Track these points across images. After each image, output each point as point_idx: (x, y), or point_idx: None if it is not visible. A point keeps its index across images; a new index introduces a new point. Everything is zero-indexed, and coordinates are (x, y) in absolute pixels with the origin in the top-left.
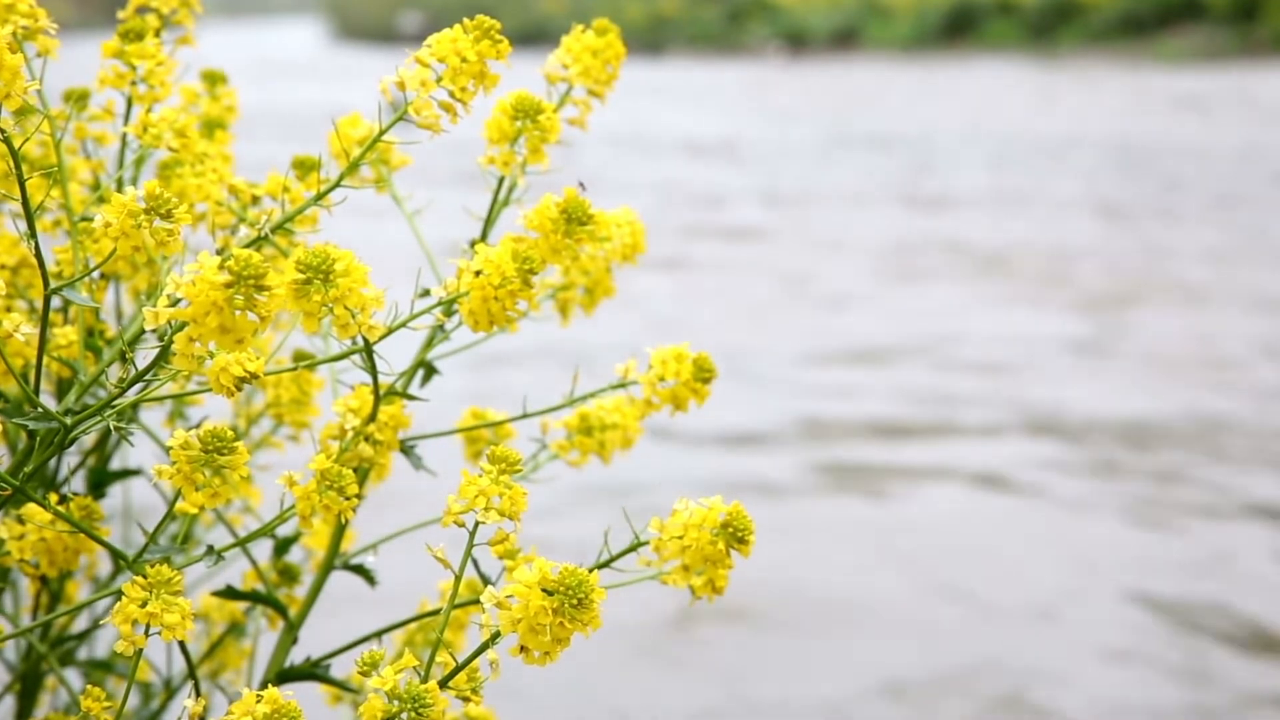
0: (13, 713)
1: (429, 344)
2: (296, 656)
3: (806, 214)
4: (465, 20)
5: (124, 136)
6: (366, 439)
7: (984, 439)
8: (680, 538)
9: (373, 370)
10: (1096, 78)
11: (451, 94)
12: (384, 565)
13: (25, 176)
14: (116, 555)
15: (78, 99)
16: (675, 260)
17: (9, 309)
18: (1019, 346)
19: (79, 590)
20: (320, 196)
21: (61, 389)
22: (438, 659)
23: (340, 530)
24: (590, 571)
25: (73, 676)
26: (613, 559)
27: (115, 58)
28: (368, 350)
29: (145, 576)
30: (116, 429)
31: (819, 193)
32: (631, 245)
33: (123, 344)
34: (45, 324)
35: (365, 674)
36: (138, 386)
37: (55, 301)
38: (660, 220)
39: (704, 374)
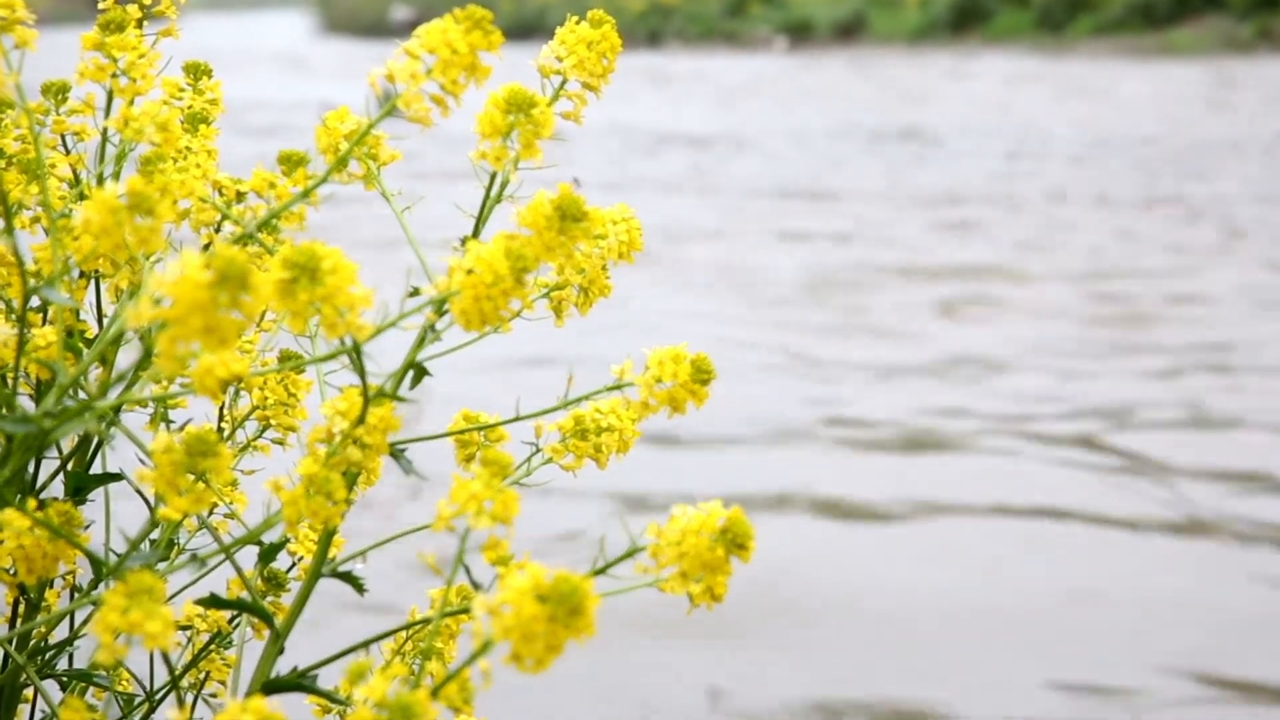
0: None
1: (419, 344)
2: (283, 666)
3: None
4: (456, 11)
5: (104, 131)
6: (355, 442)
7: None
8: (678, 544)
9: (361, 371)
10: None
11: (442, 87)
12: (372, 573)
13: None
14: (97, 562)
15: (57, 92)
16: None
17: None
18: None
19: (58, 599)
20: (307, 193)
21: (40, 391)
22: (428, 668)
23: (328, 537)
24: (585, 578)
25: (52, 688)
26: (608, 565)
27: (95, 50)
28: (356, 351)
29: (126, 584)
30: (96, 432)
31: (823, 190)
32: (628, 243)
33: (103, 345)
34: (23, 324)
35: (353, 684)
36: (119, 388)
37: (34, 301)
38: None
39: (702, 375)
